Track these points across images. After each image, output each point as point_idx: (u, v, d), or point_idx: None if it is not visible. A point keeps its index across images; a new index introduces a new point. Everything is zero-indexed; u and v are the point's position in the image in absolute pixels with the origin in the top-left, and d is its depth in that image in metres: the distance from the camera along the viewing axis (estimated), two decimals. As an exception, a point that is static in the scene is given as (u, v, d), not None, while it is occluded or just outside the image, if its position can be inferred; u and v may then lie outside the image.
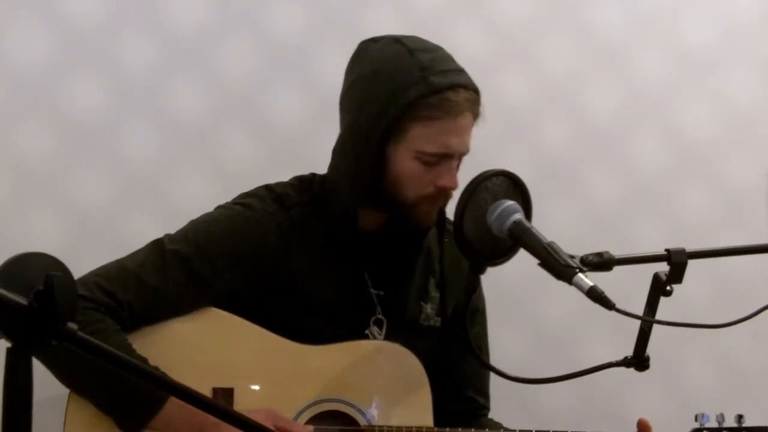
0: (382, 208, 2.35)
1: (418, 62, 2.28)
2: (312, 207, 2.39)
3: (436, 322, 2.46)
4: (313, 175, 2.46)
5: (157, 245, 2.31)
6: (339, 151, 2.37)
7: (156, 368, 2.13)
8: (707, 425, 2.25)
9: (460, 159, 2.33)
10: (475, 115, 2.31)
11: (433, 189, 2.30)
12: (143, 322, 2.26)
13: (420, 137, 2.27)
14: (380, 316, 2.40)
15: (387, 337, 2.39)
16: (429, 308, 2.45)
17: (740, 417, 2.27)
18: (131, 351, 2.17)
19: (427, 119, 2.26)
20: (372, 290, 2.40)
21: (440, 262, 2.45)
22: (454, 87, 2.27)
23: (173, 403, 2.16)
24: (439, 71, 2.27)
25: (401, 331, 2.40)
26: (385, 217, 2.38)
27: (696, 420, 2.26)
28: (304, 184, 2.43)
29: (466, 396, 2.52)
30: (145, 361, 2.15)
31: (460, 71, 2.31)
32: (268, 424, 2.17)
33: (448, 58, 2.33)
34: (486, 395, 2.56)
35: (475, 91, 2.31)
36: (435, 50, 2.33)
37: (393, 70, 2.28)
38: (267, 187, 2.41)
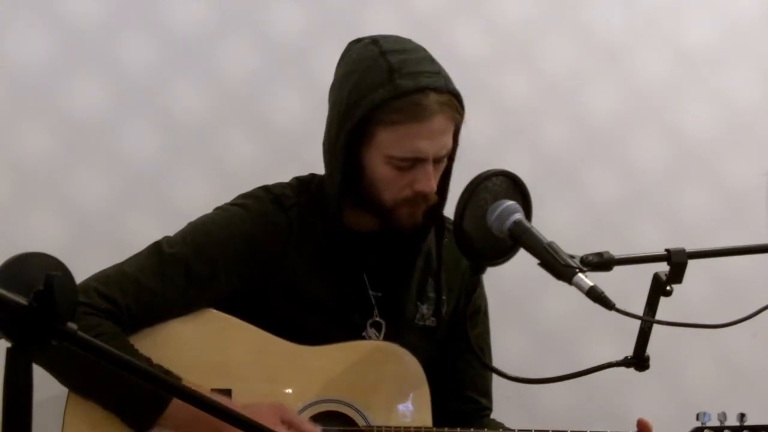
0: (368, 211, 2.35)
1: (388, 64, 2.25)
2: (310, 208, 2.38)
3: (432, 322, 2.45)
4: (313, 175, 2.46)
5: (156, 248, 2.31)
6: (324, 151, 2.38)
7: (160, 367, 2.14)
8: (709, 424, 2.25)
9: (440, 161, 2.30)
10: (452, 117, 2.27)
11: (410, 193, 2.28)
12: (143, 325, 2.26)
13: (387, 142, 2.25)
14: (378, 319, 2.40)
15: (386, 339, 2.39)
16: (425, 308, 2.44)
17: (742, 416, 2.26)
18: (135, 352, 2.17)
19: (393, 123, 2.23)
20: (371, 291, 2.40)
21: (437, 262, 2.44)
22: (423, 90, 2.23)
23: (179, 402, 2.15)
24: (407, 73, 2.24)
25: (400, 333, 2.39)
26: (375, 220, 2.37)
27: (698, 419, 2.26)
28: (303, 185, 2.43)
29: (468, 396, 2.52)
30: (149, 361, 2.15)
31: (434, 73, 2.27)
32: (275, 418, 2.17)
33: (423, 60, 2.29)
34: (488, 396, 2.56)
35: (452, 93, 2.26)
36: (410, 51, 2.30)
37: (362, 72, 2.26)
38: (265, 188, 2.40)
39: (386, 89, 2.22)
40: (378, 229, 2.38)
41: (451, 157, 2.34)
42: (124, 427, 2.21)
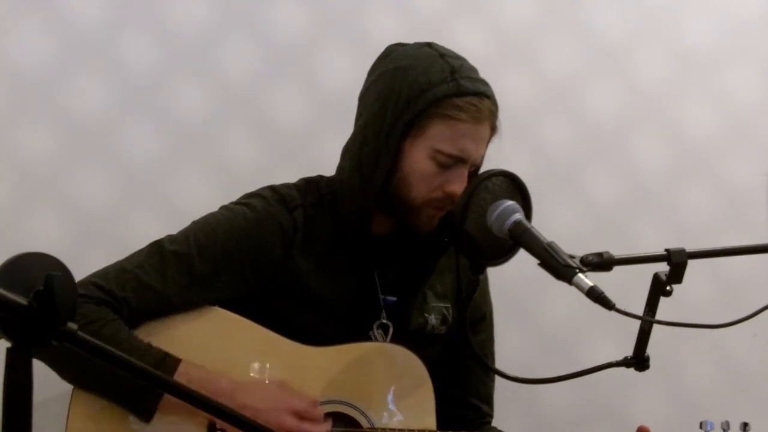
0: (387, 209, 2.35)
1: (449, 65, 2.30)
2: (318, 208, 2.38)
3: (441, 330, 2.45)
4: (320, 177, 2.45)
5: (157, 246, 2.31)
6: (353, 147, 2.36)
7: (159, 350, 2.16)
8: (712, 433, 2.24)
9: (471, 169, 2.32)
10: (493, 128, 2.32)
11: (441, 193, 2.29)
12: (142, 320, 2.26)
13: (440, 136, 2.27)
14: (385, 321, 2.39)
15: (393, 343, 2.39)
16: (433, 319, 2.44)
17: (745, 425, 2.24)
18: (129, 336, 2.18)
19: (450, 119, 2.26)
20: (381, 295, 2.40)
21: (456, 273, 2.46)
22: (480, 95, 2.29)
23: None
24: (467, 77, 2.30)
25: (406, 338, 2.39)
26: (394, 222, 2.37)
27: (701, 427, 2.24)
28: (311, 185, 2.43)
29: (470, 403, 2.52)
30: (148, 346, 2.18)
31: (486, 83, 2.33)
32: (285, 396, 2.18)
33: (475, 70, 2.34)
34: (489, 403, 2.56)
35: (496, 105, 2.32)
36: (464, 60, 2.35)
37: (424, 67, 2.30)
38: (271, 188, 2.40)
39: (450, 86, 2.27)
40: (391, 231, 2.38)
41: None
42: (127, 421, 2.21)
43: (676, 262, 2.08)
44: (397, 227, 2.38)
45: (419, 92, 2.26)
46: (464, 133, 2.27)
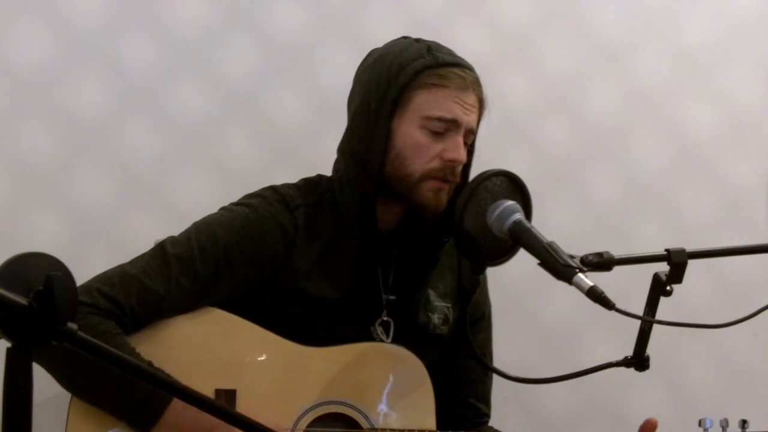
0: (389, 195, 2.34)
1: (425, 44, 2.35)
2: (319, 208, 2.38)
3: (443, 330, 2.45)
4: (320, 176, 2.46)
5: (160, 250, 2.30)
6: (345, 141, 2.38)
7: (161, 371, 2.13)
8: (711, 430, 2.24)
9: (467, 139, 2.33)
10: (480, 99, 2.34)
11: (439, 162, 2.30)
12: (145, 323, 2.26)
13: (426, 103, 2.29)
14: (386, 318, 2.39)
15: (394, 341, 2.39)
16: (436, 318, 2.44)
17: (744, 422, 2.24)
18: (133, 352, 2.17)
19: (433, 86, 2.29)
20: (383, 293, 2.39)
21: (458, 271, 2.46)
22: (460, 66, 2.32)
23: (178, 403, 2.15)
24: (446, 53, 2.34)
25: (409, 337, 2.39)
26: (398, 216, 2.37)
27: (700, 425, 2.24)
28: (311, 185, 2.43)
29: (468, 403, 2.52)
30: (150, 364, 2.15)
31: (465, 61, 2.36)
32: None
33: (452, 52, 2.37)
34: (487, 403, 2.55)
35: (479, 80, 2.34)
36: (440, 44, 2.38)
37: (400, 50, 2.34)
38: (272, 188, 2.40)
39: (427, 59, 2.31)
40: (396, 227, 2.37)
41: (470, 150, 2.36)
42: (127, 426, 2.21)
43: (676, 262, 2.08)
44: (402, 220, 2.37)
45: (399, 70, 2.30)
46: (449, 97, 2.30)
